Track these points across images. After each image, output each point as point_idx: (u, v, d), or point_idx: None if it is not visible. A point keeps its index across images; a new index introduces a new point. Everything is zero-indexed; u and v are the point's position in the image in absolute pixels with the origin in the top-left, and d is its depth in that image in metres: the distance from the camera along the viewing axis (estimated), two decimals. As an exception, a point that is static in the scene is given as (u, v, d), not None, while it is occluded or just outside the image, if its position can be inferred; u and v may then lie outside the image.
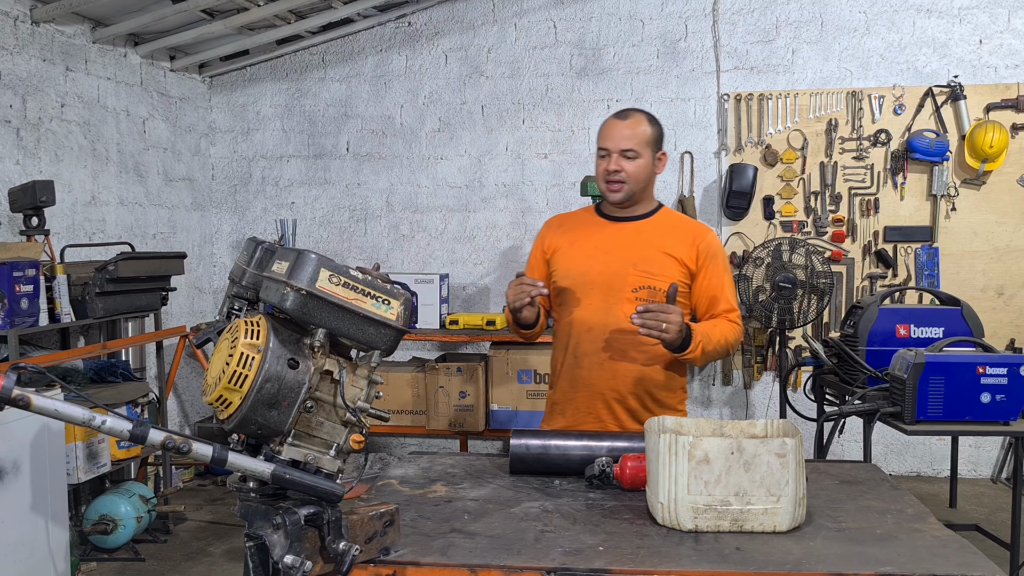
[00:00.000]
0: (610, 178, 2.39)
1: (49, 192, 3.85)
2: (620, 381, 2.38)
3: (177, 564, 4.00)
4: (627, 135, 2.37)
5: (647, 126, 2.40)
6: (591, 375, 2.40)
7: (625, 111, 2.44)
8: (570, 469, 2.13)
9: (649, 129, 2.40)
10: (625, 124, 2.38)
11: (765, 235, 5.30)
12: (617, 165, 2.37)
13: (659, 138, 2.44)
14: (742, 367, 5.41)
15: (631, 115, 2.41)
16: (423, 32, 5.63)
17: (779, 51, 5.30)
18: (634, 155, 2.37)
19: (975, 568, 1.55)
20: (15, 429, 3.11)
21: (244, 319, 1.41)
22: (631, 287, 2.37)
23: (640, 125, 2.39)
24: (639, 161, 2.38)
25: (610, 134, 2.40)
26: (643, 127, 2.40)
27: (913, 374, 3.12)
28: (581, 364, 2.42)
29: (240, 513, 1.45)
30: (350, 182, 5.79)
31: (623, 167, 2.37)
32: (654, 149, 2.42)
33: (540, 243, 2.57)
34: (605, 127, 2.43)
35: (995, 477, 5.25)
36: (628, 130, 2.37)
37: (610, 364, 2.38)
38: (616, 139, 2.37)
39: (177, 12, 4.58)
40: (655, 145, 2.42)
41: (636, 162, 2.38)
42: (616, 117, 2.42)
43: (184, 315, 5.49)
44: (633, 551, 1.64)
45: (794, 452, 1.70)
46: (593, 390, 2.41)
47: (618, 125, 2.39)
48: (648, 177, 2.44)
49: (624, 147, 2.36)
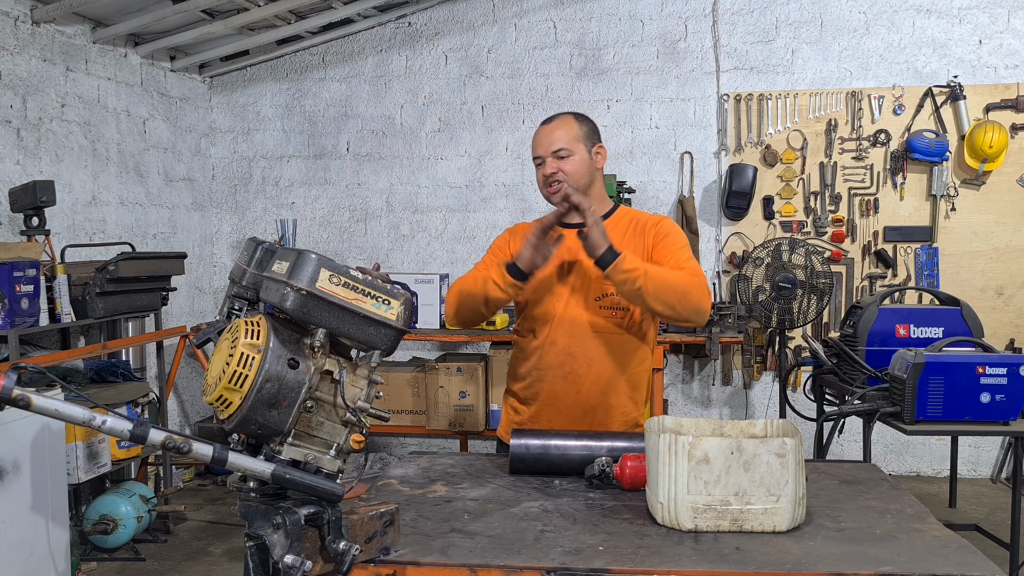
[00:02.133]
0: (549, 181, 2.33)
1: (49, 192, 3.85)
2: (583, 395, 2.34)
3: (177, 564, 4.00)
4: (555, 137, 2.33)
5: (574, 123, 2.36)
6: (554, 388, 2.36)
7: (550, 117, 2.41)
8: (570, 469, 2.13)
9: (577, 125, 2.35)
10: (551, 127, 2.35)
11: (765, 235, 5.31)
12: (553, 167, 2.31)
13: (591, 133, 2.38)
14: (742, 367, 5.41)
15: (556, 118, 2.38)
16: (423, 32, 5.63)
17: (779, 51, 5.30)
18: (567, 153, 2.32)
19: (975, 568, 1.55)
20: (15, 429, 3.12)
21: (244, 319, 1.41)
22: (594, 296, 2.33)
23: (566, 124, 2.35)
24: (574, 158, 2.32)
25: (539, 141, 2.36)
26: (570, 125, 2.35)
27: (913, 374, 3.12)
28: (545, 377, 2.37)
29: (240, 513, 1.45)
30: (350, 182, 5.79)
31: (560, 167, 2.31)
32: (588, 144, 2.36)
33: (500, 249, 2.46)
34: (536, 135, 2.39)
35: (995, 477, 5.25)
36: (555, 132, 2.33)
37: (574, 377, 2.34)
38: (545, 144, 2.33)
39: (177, 12, 4.58)
40: (588, 140, 2.36)
41: (571, 159, 2.32)
42: (542, 124, 2.39)
43: (184, 315, 5.50)
44: (633, 551, 1.64)
45: (794, 452, 1.71)
46: (556, 404, 2.37)
47: (544, 130, 2.36)
48: (588, 172, 2.36)
49: (554, 148, 2.32)
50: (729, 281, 5.36)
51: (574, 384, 2.35)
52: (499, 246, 2.49)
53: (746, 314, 4.98)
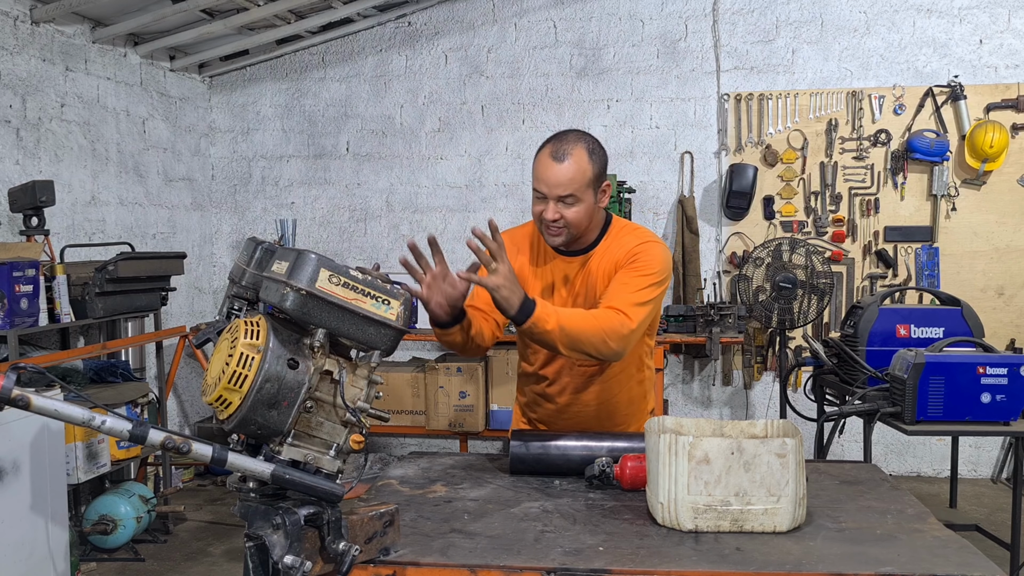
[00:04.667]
0: (549, 226, 2.14)
1: (49, 192, 3.85)
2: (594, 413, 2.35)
3: (177, 564, 3.99)
4: (565, 181, 2.07)
5: (587, 165, 2.09)
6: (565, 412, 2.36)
7: (562, 146, 2.10)
8: (570, 469, 2.13)
9: (590, 169, 2.10)
10: (562, 168, 2.07)
11: (765, 235, 5.30)
12: (555, 213, 2.10)
13: (601, 172, 2.14)
14: (742, 367, 5.41)
15: (569, 153, 2.08)
16: (423, 32, 5.63)
17: (779, 51, 5.30)
18: (574, 200, 2.09)
19: (975, 568, 1.54)
20: (15, 429, 3.11)
21: (244, 319, 1.41)
22: None
23: (579, 165, 2.08)
24: (579, 207, 2.11)
25: (545, 176, 2.09)
26: (583, 168, 2.08)
27: (913, 374, 3.12)
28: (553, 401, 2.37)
29: (240, 513, 1.45)
30: (350, 182, 5.79)
31: (562, 214, 2.10)
32: (596, 186, 2.13)
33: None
34: (541, 166, 2.11)
35: (995, 477, 5.24)
36: (566, 175, 2.07)
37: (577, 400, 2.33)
38: (551, 183, 2.08)
39: (177, 12, 4.58)
40: (597, 182, 2.13)
41: (576, 208, 2.11)
42: (553, 157, 2.09)
43: (184, 315, 5.49)
44: (633, 551, 1.64)
45: (794, 452, 1.70)
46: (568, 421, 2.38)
47: (553, 168, 2.08)
48: (591, 215, 2.16)
49: (561, 194, 2.08)
50: (729, 281, 5.36)
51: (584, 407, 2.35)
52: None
53: (746, 314, 4.98)
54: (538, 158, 2.14)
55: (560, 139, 2.14)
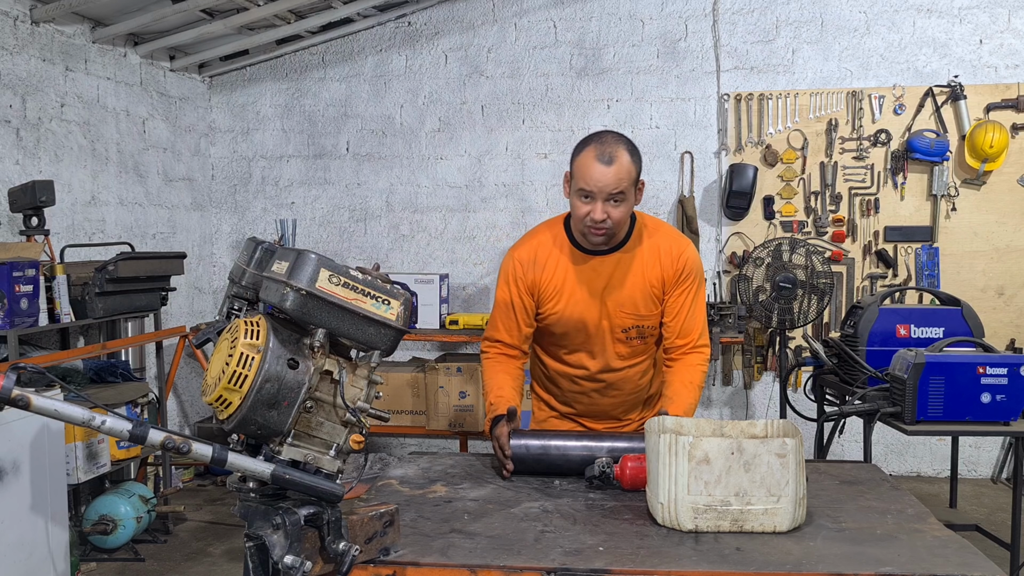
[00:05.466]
0: (597, 226, 2.21)
1: (49, 192, 3.85)
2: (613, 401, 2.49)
3: (177, 564, 3.99)
4: (615, 181, 2.15)
5: (631, 164, 2.19)
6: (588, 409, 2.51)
7: (606, 149, 2.17)
8: (570, 469, 2.14)
9: (632, 167, 2.19)
10: (612, 170, 2.15)
11: (765, 235, 5.30)
12: (603, 214, 2.18)
13: (640, 170, 2.25)
14: (742, 367, 5.41)
15: (616, 155, 2.16)
16: (423, 32, 5.63)
17: (779, 51, 5.30)
18: (621, 199, 2.19)
19: (975, 568, 1.54)
20: (15, 429, 3.11)
21: (244, 319, 1.41)
22: (620, 328, 2.37)
23: (626, 165, 2.17)
24: (625, 206, 2.21)
25: (595, 177, 2.16)
26: (629, 168, 2.18)
27: (913, 374, 3.12)
28: (578, 399, 2.50)
29: (240, 513, 1.45)
30: (350, 182, 5.79)
31: (610, 214, 2.19)
32: (635, 184, 2.23)
33: (517, 284, 2.36)
34: (588, 168, 2.17)
35: (995, 477, 5.24)
36: (616, 175, 2.15)
37: (604, 401, 2.48)
38: (602, 184, 2.16)
39: (177, 12, 4.58)
40: (637, 180, 2.24)
41: (622, 207, 2.20)
42: (599, 159, 2.16)
43: (184, 315, 5.49)
44: (633, 551, 1.64)
45: (794, 452, 1.70)
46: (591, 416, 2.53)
47: (603, 170, 2.15)
48: (630, 214, 2.28)
49: (613, 191, 2.16)
50: (729, 281, 5.36)
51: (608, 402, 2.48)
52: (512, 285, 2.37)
53: (746, 314, 4.98)
54: (582, 160, 2.20)
55: (602, 141, 2.20)
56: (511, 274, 2.37)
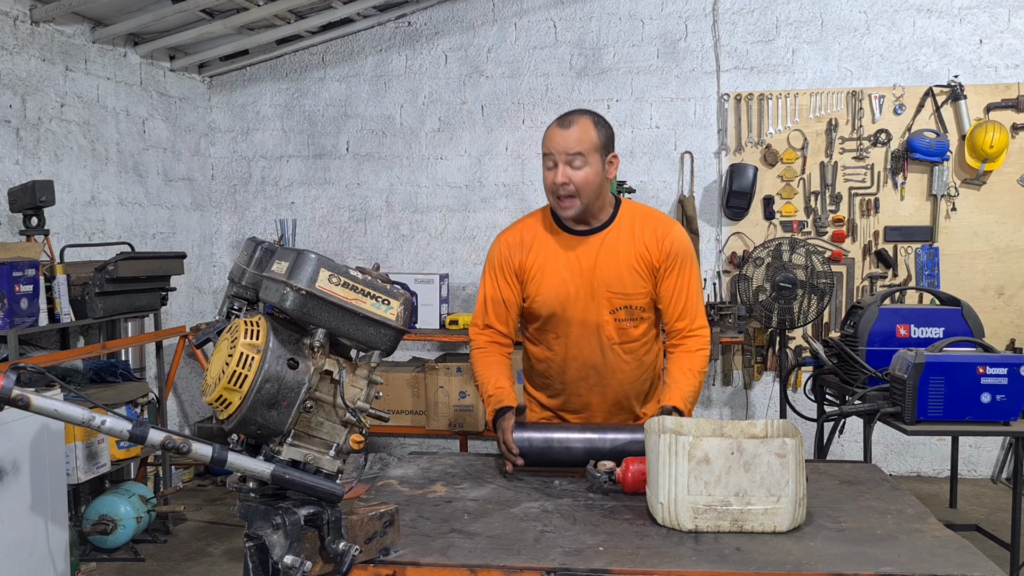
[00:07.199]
0: (560, 192, 2.23)
1: (49, 192, 3.85)
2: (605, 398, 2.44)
3: (177, 564, 3.99)
4: (572, 142, 2.20)
5: (593, 129, 2.23)
6: (580, 399, 2.45)
7: (569, 115, 2.26)
8: (573, 462, 2.14)
9: (595, 132, 2.24)
10: (570, 131, 2.21)
11: (765, 235, 5.30)
12: (565, 176, 2.20)
13: (608, 141, 2.28)
14: (742, 367, 5.41)
15: (576, 119, 2.23)
16: (423, 32, 5.63)
17: (779, 51, 5.30)
18: (582, 163, 2.21)
19: (975, 568, 1.54)
20: (15, 429, 3.11)
21: (244, 319, 1.41)
22: (608, 309, 2.34)
23: (585, 129, 2.22)
24: (587, 170, 2.21)
25: (554, 138, 2.23)
26: (589, 131, 2.22)
27: (913, 374, 3.12)
28: (569, 390, 2.44)
29: (240, 513, 1.45)
30: (350, 182, 5.79)
31: (571, 178, 2.21)
32: (603, 154, 2.26)
33: (503, 267, 2.38)
34: (549, 133, 2.26)
35: (995, 477, 5.24)
36: (574, 135, 2.21)
37: (598, 386, 2.42)
38: (560, 144, 2.21)
39: (177, 12, 4.58)
40: (604, 150, 2.26)
41: (584, 171, 2.21)
42: (559, 124, 2.25)
43: (184, 315, 5.49)
44: (633, 551, 1.64)
45: (794, 452, 1.70)
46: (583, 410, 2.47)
47: (562, 132, 2.22)
48: (600, 183, 2.26)
49: (570, 151, 2.20)
50: (729, 281, 5.36)
51: (600, 391, 2.42)
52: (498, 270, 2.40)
53: (746, 314, 4.98)
54: (548, 130, 2.29)
55: (566, 113, 2.30)
56: (497, 257, 2.41)
